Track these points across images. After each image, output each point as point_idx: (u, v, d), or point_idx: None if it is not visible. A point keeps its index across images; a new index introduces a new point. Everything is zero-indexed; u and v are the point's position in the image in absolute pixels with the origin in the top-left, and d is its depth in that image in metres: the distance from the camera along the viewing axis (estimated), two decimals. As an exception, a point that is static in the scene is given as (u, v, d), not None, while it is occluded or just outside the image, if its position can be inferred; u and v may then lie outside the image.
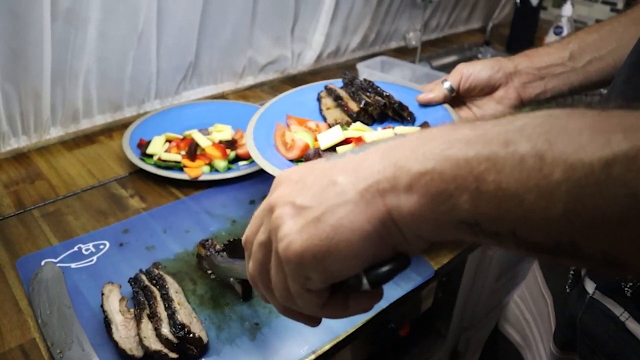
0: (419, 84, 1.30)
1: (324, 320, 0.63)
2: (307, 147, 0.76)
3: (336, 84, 0.91)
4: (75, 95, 1.02)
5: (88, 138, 1.06)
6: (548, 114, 0.28)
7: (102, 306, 0.62)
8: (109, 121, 1.10)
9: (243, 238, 0.41)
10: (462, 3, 1.82)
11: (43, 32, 0.89)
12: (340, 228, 0.31)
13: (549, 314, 0.72)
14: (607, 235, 0.26)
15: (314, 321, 0.43)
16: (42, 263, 0.71)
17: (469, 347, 1.10)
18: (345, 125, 0.82)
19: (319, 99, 0.88)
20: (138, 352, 0.56)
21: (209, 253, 0.67)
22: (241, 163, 0.93)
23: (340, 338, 0.61)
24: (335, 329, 0.62)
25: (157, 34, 1.07)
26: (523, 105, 0.79)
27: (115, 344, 0.57)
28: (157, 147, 0.92)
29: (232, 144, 0.94)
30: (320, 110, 0.87)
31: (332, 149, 0.73)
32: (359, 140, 0.73)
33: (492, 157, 0.28)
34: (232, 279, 0.66)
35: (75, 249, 0.74)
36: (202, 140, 0.92)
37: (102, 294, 0.63)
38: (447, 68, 1.49)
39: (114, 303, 0.62)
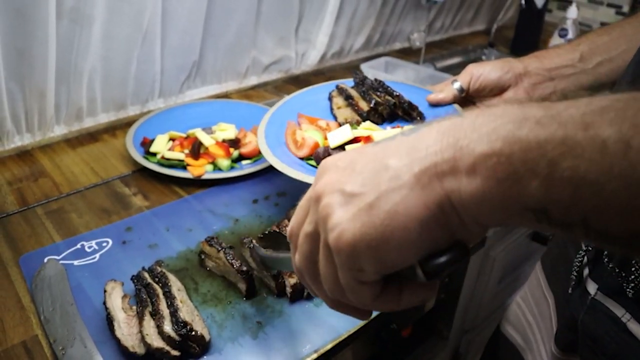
0: (422, 85, 1.30)
1: (326, 320, 0.63)
2: (316, 145, 0.76)
3: (347, 83, 0.93)
4: (80, 94, 1.02)
5: (92, 136, 1.06)
6: (632, 96, 0.26)
7: (104, 303, 0.62)
8: (113, 120, 1.10)
9: (288, 230, 0.39)
10: (467, 5, 1.82)
11: (48, 31, 0.89)
12: (396, 214, 0.29)
13: (550, 316, 0.72)
14: None
15: (364, 314, 0.41)
16: (45, 260, 0.71)
17: (470, 349, 1.09)
18: (355, 124, 0.82)
19: (330, 99, 0.90)
20: (140, 350, 0.56)
21: (251, 245, 0.66)
22: (244, 162, 0.93)
23: (342, 338, 0.61)
24: (337, 328, 0.62)
25: (161, 33, 1.07)
26: None
27: (117, 341, 0.57)
28: (161, 145, 0.93)
29: (235, 143, 0.94)
30: (331, 109, 0.88)
31: (342, 147, 0.74)
32: (367, 139, 0.74)
33: (569, 141, 0.25)
34: (240, 277, 0.66)
35: (78, 246, 0.74)
36: (206, 139, 0.93)
37: (105, 291, 0.63)
38: (451, 69, 1.49)
39: (117, 300, 0.62)
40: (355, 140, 0.75)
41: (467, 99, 0.83)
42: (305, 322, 0.63)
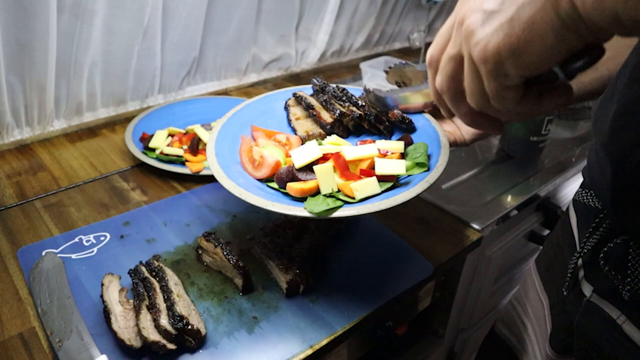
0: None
1: (321, 315, 0.63)
2: (278, 165, 0.66)
3: (305, 90, 0.82)
4: (80, 88, 1.03)
5: (91, 131, 1.07)
6: None
7: (101, 297, 0.62)
8: (112, 115, 1.10)
9: (427, 57, 0.45)
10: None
11: (49, 25, 0.89)
12: (533, 24, 0.34)
13: (545, 317, 0.72)
14: None
15: (500, 128, 0.47)
16: (43, 253, 0.71)
17: (465, 348, 1.10)
18: (319, 137, 0.74)
19: (286, 108, 0.80)
20: (136, 343, 0.57)
21: (371, 89, 0.68)
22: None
23: (338, 333, 0.62)
24: (333, 324, 0.63)
25: (162, 29, 1.07)
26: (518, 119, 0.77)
27: (114, 334, 0.57)
28: (160, 141, 0.93)
29: (234, 139, 0.94)
30: (289, 120, 0.78)
31: (308, 167, 0.64)
32: (337, 156, 0.64)
33: None
34: (230, 273, 0.67)
35: (76, 240, 0.75)
36: (205, 135, 0.93)
37: (102, 285, 0.63)
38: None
39: (114, 294, 0.63)
40: (323, 158, 0.66)
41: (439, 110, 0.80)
42: (300, 318, 0.63)
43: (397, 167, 0.62)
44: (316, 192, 0.62)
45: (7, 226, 0.78)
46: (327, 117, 0.75)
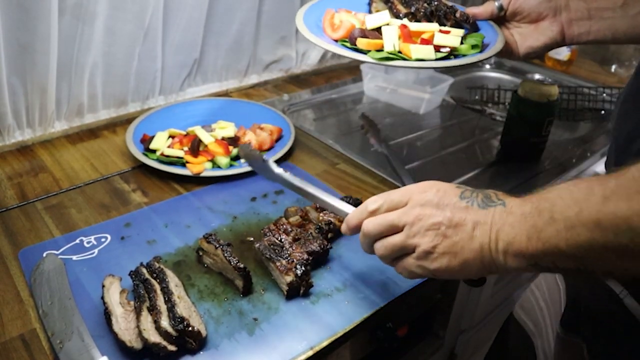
0: (422, 86, 1.30)
1: (322, 317, 0.63)
2: (353, 27, 0.79)
3: None
4: (81, 90, 1.03)
5: (92, 132, 1.07)
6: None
7: (102, 298, 0.62)
8: (113, 116, 1.11)
9: (367, 226, 0.56)
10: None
11: (50, 27, 0.89)
12: (467, 263, 0.51)
13: (560, 300, 0.73)
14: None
15: None
16: (44, 255, 0.71)
17: (466, 349, 1.10)
18: None
19: (370, 2, 0.91)
20: (137, 344, 0.57)
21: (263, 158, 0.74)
22: (243, 160, 0.94)
23: (338, 335, 0.62)
24: (334, 326, 0.63)
25: (163, 30, 1.07)
26: (563, 42, 0.81)
27: (115, 335, 0.57)
28: (161, 142, 0.93)
29: (234, 141, 0.95)
30: (370, 12, 0.89)
31: (378, 30, 0.79)
32: (403, 26, 0.78)
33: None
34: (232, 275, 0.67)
35: (77, 241, 0.75)
36: (205, 137, 0.93)
37: (103, 286, 0.64)
38: (450, 71, 1.49)
39: (115, 295, 0.63)
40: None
41: (502, 21, 0.85)
42: (301, 319, 0.63)
43: (453, 40, 0.78)
44: (380, 50, 0.76)
45: (9, 227, 0.78)
46: (402, 9, 0.87)
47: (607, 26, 0.77)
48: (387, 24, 0.80)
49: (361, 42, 0.76)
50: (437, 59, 0.76)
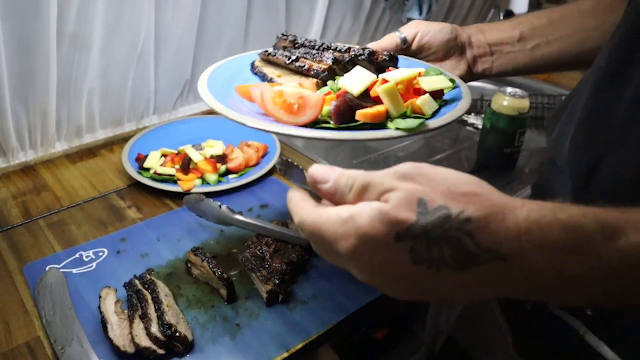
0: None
1: (299, 322, 0.70)
2: (324, 101, 0.59)
3: (254, 56, 0.80)
4: (80, 112, 1.10)
5: (91, 152, 1.14)
6: None
7: (99, 308, 0.69)
8: (110, 136, 1.18)
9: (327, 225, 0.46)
10: (452, 19, 1.88)
11: (50, 56, 0.96)
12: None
13: (500, 325, 0.76)
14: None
15: None
16: (47, 269, 0.78)
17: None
18: (316, 86, 0.69)
19: (255, 70, 0.75)
20: (130, 349, 0.63)
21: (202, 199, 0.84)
22: (231, 177, 1.00)
23: (312, 338, 0.68)
24: (310, 330, 0.69)
25: (155, 54, 1.14)
26: (470, 79, 0.79)
27: (110, 341, 0.64)
28: (154, 161, 1.00)
29: (222, 158, 1.01)
30: (270, 80, 0.71)
31: (365, 94, 0.59)
32: (384, 81, 0.61)
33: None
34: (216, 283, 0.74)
35: (77, 256, 0.82)
36: (195, 155, 1.00)
37: (100, 297, 0.70)
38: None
39: (110, 305, 0.70)
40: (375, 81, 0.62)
41: (408, 53, 0.80)
42: (279, 324, 0.70)
43: (442, 81, 0.65)
44: (385, 117, 0.59)
45: (14, 244, 0.85)
46: (318, 66, 0.70)
47: (508, 61, 0.77)
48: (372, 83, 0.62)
49: (365, 115, 0.57)
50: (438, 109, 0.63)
